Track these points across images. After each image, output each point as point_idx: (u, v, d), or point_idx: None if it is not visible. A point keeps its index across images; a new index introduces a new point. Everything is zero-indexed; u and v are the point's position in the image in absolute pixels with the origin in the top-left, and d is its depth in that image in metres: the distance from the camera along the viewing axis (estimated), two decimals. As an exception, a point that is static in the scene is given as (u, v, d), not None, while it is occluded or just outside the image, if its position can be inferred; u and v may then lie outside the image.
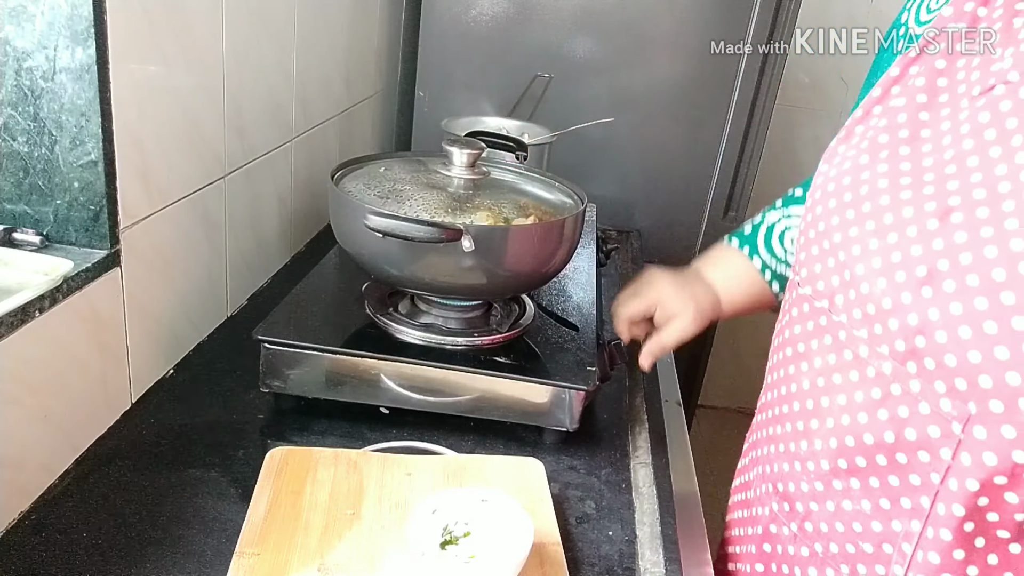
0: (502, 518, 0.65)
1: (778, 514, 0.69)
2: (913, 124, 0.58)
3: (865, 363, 0.57)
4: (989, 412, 0.50)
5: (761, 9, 1.50)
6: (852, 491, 0.60)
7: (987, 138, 0.52)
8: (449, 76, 1.64)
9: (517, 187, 0.93)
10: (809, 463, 0.64)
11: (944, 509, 0.54)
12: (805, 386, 0.64)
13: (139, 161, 0.77)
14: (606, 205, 1.49)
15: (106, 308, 0.75)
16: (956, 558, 0.55)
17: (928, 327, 0.52)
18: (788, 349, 0.68)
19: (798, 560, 0.66)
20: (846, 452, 0.59)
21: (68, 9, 0.65)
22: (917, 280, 0.52)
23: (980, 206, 0.51)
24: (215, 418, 0.82)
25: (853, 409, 0.59)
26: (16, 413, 0.65)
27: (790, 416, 0.66)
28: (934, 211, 0.53)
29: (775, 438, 0.69)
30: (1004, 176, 0.50)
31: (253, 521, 0.66)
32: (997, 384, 0.49)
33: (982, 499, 0.52)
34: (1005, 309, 0.48)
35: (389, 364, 0.83)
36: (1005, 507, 0.52)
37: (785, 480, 0.67)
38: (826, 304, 0.61)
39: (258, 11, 0.99)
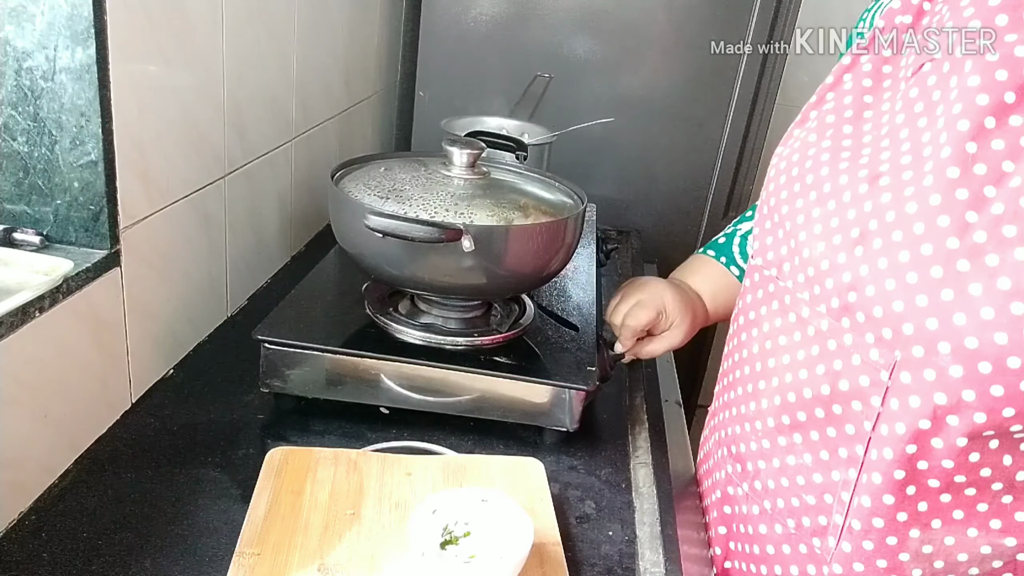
0: (502, 518, 0.65)
1: (732, 476, 0.72)
2: (857, 106, 0.62)
3: (806, 323, 0.61)
4: (912, 358, 0.53)
5: (761, 9, 1.50)
6: (795, 446, 0.63)
7: (916, 111, 0.56)
8: (449, 76, 1.64)
9: (517, 187, 0.93)
10: (757, 422, 0.67)
11: (876, 455, 0.57)
12: (755, 350, 0.67)
13: (139, 161, 0.77)
14: (606, 205, 1.49)
15: (106, 308, 0.75)
16: (886, 503, 0.57)
17: (859, 283, 0.55)
18: (741, 318, 0.71)
19: (751, 519, 0.70)
20: (788, 408, 0.63)
21: (68, 9, 0.65)
22: (851, 241, 0.56)
23: (905, 170, 0.54)
24: (215, 418, 0.82)
25: (795, 367, 0.62)
26: (16, 413, 0.65)
27: (741, 380, 0.70)
28: (865, 177, 0.57)
29: (729, 403, 0.73)
30: (928, 142, 0.54)
31: (253, 521, 0.66)
32: (918, 330, 0.52)
33: (910, 446, 0.54)
34: (924, 259, 0.51)
35: (389, 364, 0.83)
36: (932, 454, 0.54)
37: (737, 442, 0.70)
38: (774, 272, 0.65)
39: (258, 11, 0.99)
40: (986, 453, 0.54)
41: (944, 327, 0.51)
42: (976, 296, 0.49)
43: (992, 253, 0.49)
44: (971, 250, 0.50)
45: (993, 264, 0.49)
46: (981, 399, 0.51)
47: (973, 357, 0.50)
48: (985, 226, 0.50)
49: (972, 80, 0.52)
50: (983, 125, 0.51)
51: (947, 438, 0.53)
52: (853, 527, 0.59)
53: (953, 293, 0.50)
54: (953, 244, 0.51)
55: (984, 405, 0.51)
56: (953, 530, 0.57)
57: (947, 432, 0.53)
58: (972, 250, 0.50)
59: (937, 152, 0.52)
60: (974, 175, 0.51)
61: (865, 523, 0.59)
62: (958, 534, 0.57)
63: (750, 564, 0.70)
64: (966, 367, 0.50)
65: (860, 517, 0.59)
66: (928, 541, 0.58)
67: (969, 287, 0.50)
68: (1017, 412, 0.50)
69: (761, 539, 0.68)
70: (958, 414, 0.52)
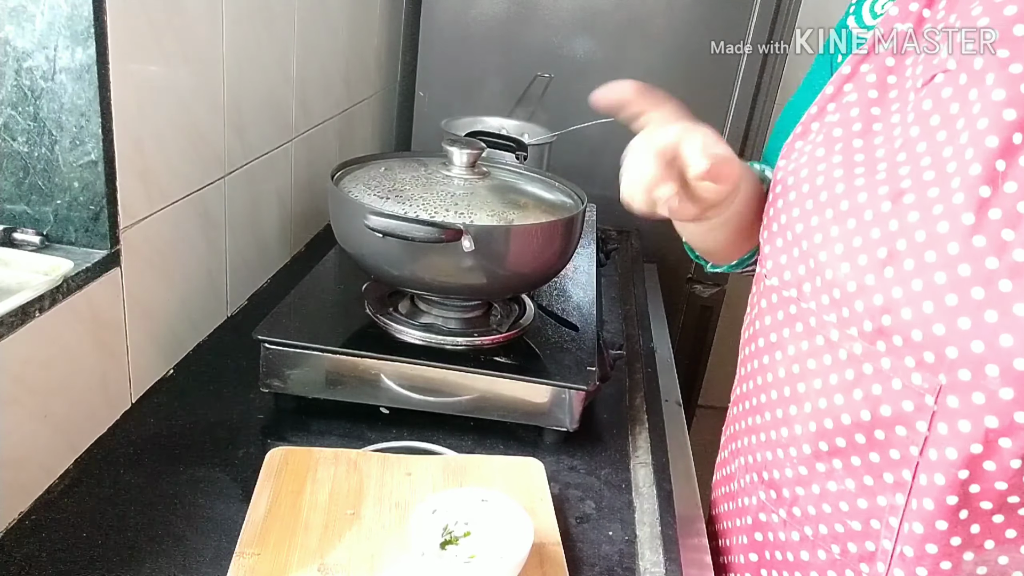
0: (502, 518, 0.65)
1: (766, 503, 0.70)
2: (865, 118, 0.61)
3: (836, 346, 0.59)
4: (959, 381, 0.52)
5: (761, 9, 1.50)
6: (835, 472, 0.62)
7: (932, 124, 0.55)
8: (449, 76, 1.64)
9: (517, 187, 0.93)
10: (791, 449, 0.65)
11: (926, 479, 0.56)
12: (781, 374, 0.66)
13: (139, 161, 0.77)
14: (606, 205, 1.49)
15: (106, 308, 0.75)
16: (940, 529, 0.56)
17: (893, 305, 0.54)
18: (760, 340, 0.69)
19: (790, 545, 0.68)
20: (825, 435, 0.61)
21: (68, 9, 0.65)
22: (879, 261, 0.55)
23: (930, 187, 0.53)
24: (215, 418, 0.82)
25: (829, 392, 0.60)
26: (16, 413, 0.65)
27: (768, 405, 0.68)
28: (887, 194, 0.55)
29: (755, 428, 0.70)
30: (950, 157, 0.53)
31: (253, 521, 0.66)
32: (963, 354, 0.51)
33: (962, 472, 0.53)
34: (963, 280, 0.50)
35: (389, 364, 0.83)
36: (985, 477, 0.53)
37: (769, 468, 0.68)
38: (794, 293, 0.63)
39: (258, 11, 0.99)
40: None
41: (991, 349, 0.50)
42: (1022, 316, 0.49)
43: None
44: (1012, 269, 0.49)
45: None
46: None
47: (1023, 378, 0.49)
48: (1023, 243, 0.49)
49: (997, 94, 0.51)
50: (1011, 141, 0.50)
51: (1000, 461, 0.52)
52: (905, 553, 0.58)
53: (997, 314, 0.49)
54: (992, 264, 0.50)
55: None
56: (1007, 549, 0.56)
57: (1000, 455, 0.52)
58: (1013, 269, 0.49)
59: (964, 169, 0.51)
60: (1005, 193, 0.50)
61: (918, 549, 0.58)
62: (1011, 552, 0.56)
63: None
64: (1016, 389, 0.50)
65: (912, 544, 0.58)
66: (982, 563, 0.57)
67: (1014, 307, 0.49)
68: None
69: (803, 566, 0.67)
70: (1011, 436, 0.51)
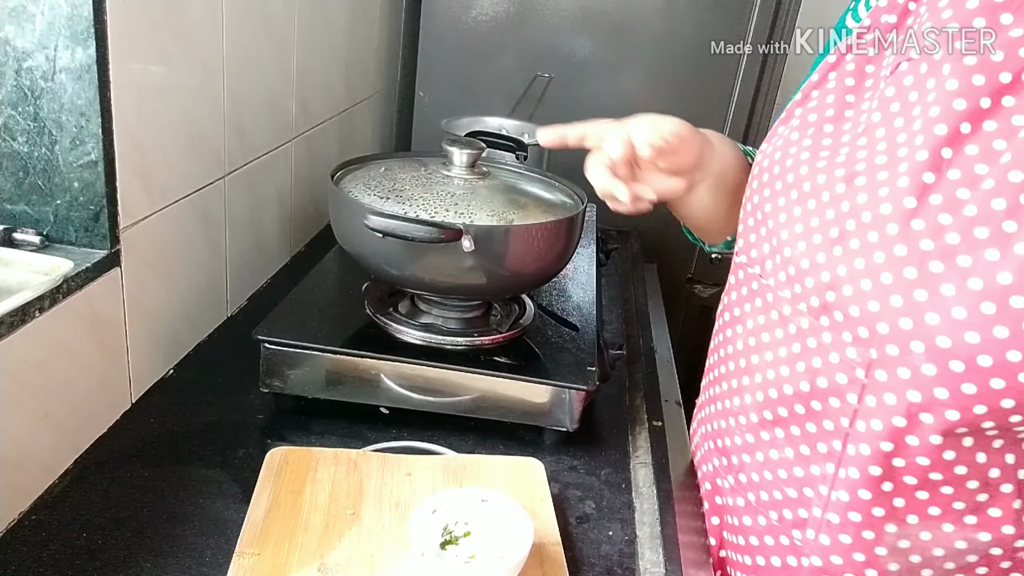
0: (502, 518, 0.65)
1: (719, 469, 0.73)
2: (839, 105, 0.63)
3: (788, 321, 0.62)
4: (887, 356, 0.54)
5: (761, 9, 1.50)
6: (777, 440, 0.64)
7: (892, 110, 0.57)
8: (449, 76, 1.64)
9: (517, 187, 0.93)
10: (741, 417, 0.68)
11: (853, 451, 0.58)
12: (739, 347, 0.69)
13: (139, 161, 0.77)
14: (606, 205, 1.49)
15: (106, 308, 0.75)
16: (863, 498, 0.58)
17: (837, 283, 0.56)
18: (726, 314, 0.72)
19: (737, 510, 0.71)
20: (770, 404, 0.64)
21: (68, 9, 0.65)
22: (830, 241, 0.57)
23: (881, 170, 0.55)
24: (215, 418, 0.82)
25: (776, 364, 0.63)
26: (16, 413, 0.65)
27: (726, 376, 0.71)
28: (842, 176, 0.58)
29: (714, 398, 0.74)
30: (903, 143, 0.55)
31: (253, 521, 0.66)
32: (893, 330, 0.53)
33: (886, 443, 0.56)
34: (898, 260, 0.52)
35: (389, 364, 0.83)
36: (908, 451, 0.55)
37: (723, 436, 0.72)
38: (758, 270, 0.66)
39: (258, 11, 0.99)
40: (961, 451, 0.55)
41: (918, 327, 0.52)
42: (948, 296, 0.50)
43: (964, 254, 0.50)
44: (944, 251, 0.51)
45: (965, 265, 0.50)
46: (954, 397, 0.52)
47: (945, 356, 0.51)
48: (958, 228, 0.51)
49: (950, 84, 0.52)
50: (959, 130, 0.52)
51: (922, 435, 0.54)
52: (831, 521, 0.61)
53: (927, 293, 0.51)
54: (927, 246, 0.52)
55: (957, 403, 0.52)
56: (929, 526, 0.58)
57: (921, 429, 0.54)
58: (945, 251, 0.51)
59: (912, 154, 0.53)
60: (948, 179, 0.52)
61: (842, 517, 0.60)
62: (934, 529, 0.58)
63: (740, 554, 0.71)
64: (939, 366, 0.51)
65: (837, 511, 0.60)
66: (904, 536, 0.59)
67: (942, 287, 0.51)
68: (989, 410, 0.51)
69: (747, 530, 0.70)
70: (932, 412, 0.53)
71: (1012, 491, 0.56)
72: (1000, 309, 0.48)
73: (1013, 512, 0.56)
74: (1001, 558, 0.58)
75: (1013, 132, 0.50)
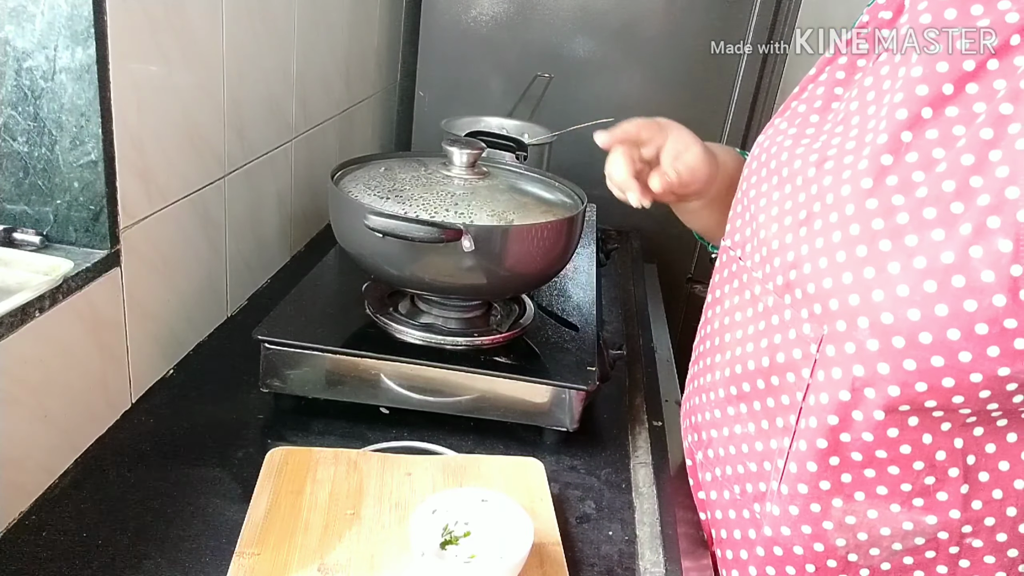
0: (502, 518, 0.65)
1: (692, 445, 0.75)
2: (827, 97, 0.65)
3: (757, 300, 0.64)
4: (836, 332, 0.55)
5: (761, 9, 1.50)
6: (741, 416, 0.66)
7: (868, 99, 0.59)
8: (449, 76, 1.64)
9: (517, 187, 0.93)
10: (711, 393, 0.70)
11: (804, 424, 0.59)
12: (716, 326, 0.71)
13: (139, 161, 0.77)
14: (606, 205, 1.49)
15: (106, 308, 0.75)
16: (810, 470, 0.59)
17: (799, 262, 0.58)
18: (709, 296, 0.74)
19: (705, 485, 0.73)
20: (736, 379, 0.66)
21: (68, 9, 0.65)
22: (798, 222, 0.59)
23: (848, 155, 0.57)
24: (215, 418, 0.82)
25: (744, 341, 0.65)
26: (16, 413, 0.65)
27: (703, 354, 0.73)
28: (815, 161, 0.60)
29: (694, 376, 0.75)
30: (871, 129, 0.56)
31: (253, 521, 0.66)
32: (842, 305, 0.54)
33: (832, 417, 0.57)
34: (852, 239, 0.54)
35: (389, 364, 0.83)
36: (853, 427, 0.56)
37: (697, 412, 0.73)
38: (739, 253, 0.68)
39: (258, 11, 0.99)
40: (905, 430, 0.55)
41: (864, 303, 0.53)
42: (894, 274, 0.51)
43: (912, 234, 0.51)
44: (894, 231, 0.52)
45: (912, 244, 0.51)
46: (895, 373, 0.52)
47: (888, 332, 0.52)
48: (909, 208, 0.52)
49: (915, 71, 0.54)
50: (920, 115, 0.53)
51: (866, 411, 0.55)
52: (782, 491, 0.62)
53: (874, 271, 0.52)
54: (878, 225, 0.53)
55: (897, 379, 0.53)
56: (876, 504, 0.59)
57: (865, 404, 0.55)
58: (894, 231, 0.52)
59: (875, 139, 0.55)
60: (905, 162, 0.53)
61: (791, 488, 0.61)
62: (881, 508, 0.59)
63: (715, 529, 0.72)
64: (882, 341, 0.52)
65: (788, 482, 0.61)
66: (851, 512, 0.59)
67: (888, 265, 0.52)
68: (930, 388, 0.52)
69: (713, 504, 0.71)
70: (874, 387, 0.54)
71: (959, 475, 0.57)
72: (941, 287, 0.49)
73: (960, 497, 0.57)
74: (948, 543, 0.59)
75: (972, 118, 0.51)
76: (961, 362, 0.50)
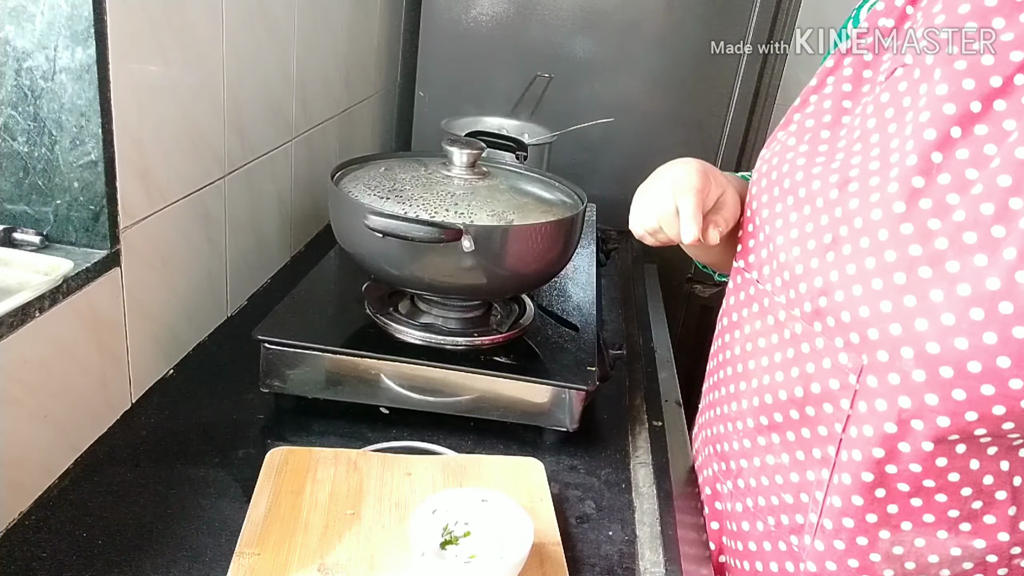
0: (502, 518, 0.65)
1: (718, 473, 0.74)
2: (836, 110, 0.63)
3: (783, 326, 0.62)
4: (877, 362, 0.54)
5: (761, 9, 1.50)
6: (773, 446, 0.64)
7: (887, 116, 0.57)
8: (449, 76, 1.64)
9: (517, 187, 0.93)
10: (738, 422, 0.68)
11: (846, 456, 0.58)
12: (737, 352, 0.69)
13: (139, 161, 0.77)
14: (606, 205, 1.49)
15: (106, 308, 0.75)
16: (856, 504, 0.58)
17: (830, 288, 0.56)
18: (725, 319, 0.73)
19: (736, 515, 0.71)
20: (766, 409, 0.64)
21: (68, 9, 0.65)
22: (824, 246, 0.57)
23: (873, 176, 0.55)
24: (215, 418, 0.82)
25: (772, 369, 0.63)
26: (16, 413, 0.65)
27: (724, 381, 0.71)
28: (836, 183, 0.58)
29: (714, 403, 0.74)
30: (896, 148, 0.55)
31: (253, 521, 0.66)
32: (883, 335, 0.53)
33: (877, 449, 0.55)
34: (888, 266, 0.52)
35: (389, 364, 0.83)
36: (900, 458, 0.55)
37: (721, 440, 0.72)
38: (755, 275, 0.66)
39: (258, 11, 0.99)
40: (953, 458, 0.54)
41: (907, 332, 0.51)
42: (938, 302, 0.50)
43: (953, 259, 0.50)
44: (932, 256, 0.51)
45: (953, 271, 0.50)
46: (944, 403, 0.51)
47: (935, 362, 0.50)
48: (947, 233, 0.51)
49: (940, 88, 0.52)
50: (949, 135, 0.52)
51: (913, 442, 0.54)
52: (825, 526, 0.61)
53: (915, 299, 0.51)
54: (916, 251, 0.51)
55: (947, 409, 0.51)
56: (923, 532, 0.57)
57: (913, 436, 0.54)
58: (934, 256, 0.51)
59: (903, 160, 0.53)
60: (938, 184, 0.52)
61: (836, 523, 0.60)
62: (928, 536, 0.57)
63: (740, 560, 0.71)
64: (928, 372, 0.51)
65: (831, 517, 0.60)
66: (899, 543, 0.58)
67: (931, 293, 0.50)
68: (980, 416, 0.50)
69: (745, 536, 0.70)
70: (922, 418, 0.53)
71: (1007, 498, 0.56)
72: (988, 315, 0.48)
73: (1008, 519, 0.56)
74: (997, 565, 0.58)
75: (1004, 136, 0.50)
76: (1012, 389, 0.49)
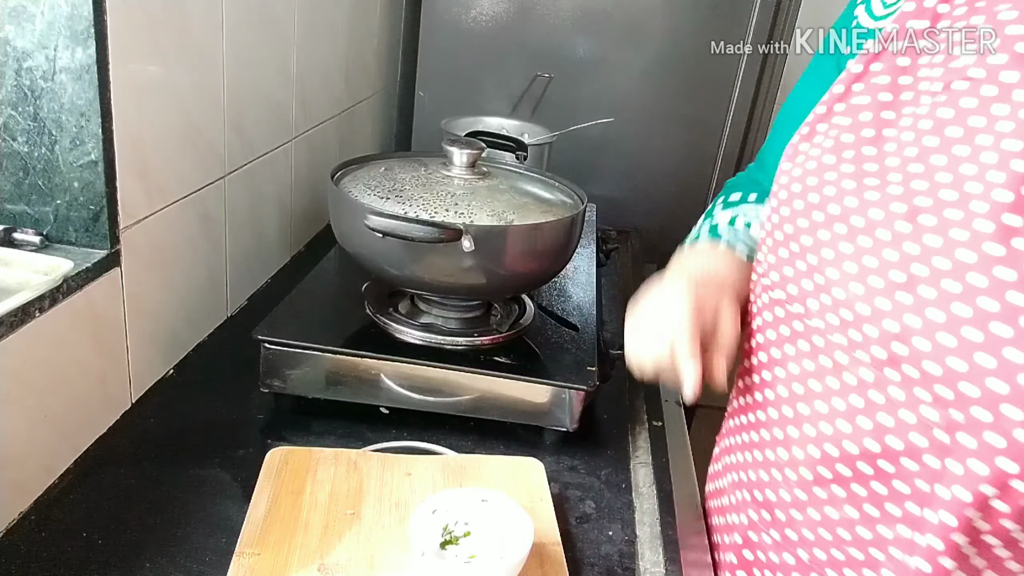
0: (502, 518, 0.65)
1: (757, 523, 0.68)
2: (877, 123, 0.57)
3: (844, 370, 0.56)
4: (975, 420, 0.49)
5: (761, 9, 1.50)
6: (837, 499, 0.59)
7: (952, 136, 0.51)
8: (449, 76, 1.64)
9: (517, 187, 0.93)
10: (788, 471, 0.63)
11: (934, 517, 0.53)
12: (782, 393, 0.63)
13: (139, 161, 0.77)
14: (606, 205, 1.49)
15: (106, 308, 0.75)
16: (945, 566, 0.54)
17: (908, 334, 0.50)
18: (761, 354, 0.66)
19: (782, 567, 0.66)
20: (828, 461, 0.59)
21: (68, 9, 0.65)
22: (894, 285, 0.51)
23: (950, 207, 0.50)
24: (215, 418, 0.82)
25: (833, 417, 0.58)
26: (16, 413, 0.65)
27: (766, 424, 0.65)
28: (904, 214, 0.52)
29: (749, 446, 0.68)
30: (972, 176, 0.49)
31: (253, 521, 0.66)
32: (984, 393, 0.48)
33: (971, 511, 0.51)
34: (986, 315, 0.47)
35: (389, 364, 0.83)
36: (994, 515, 0.51)
37: (762, 488, 0.66)
38: (800, 309, 0.60)
39: (258, 11, 0.99)
40: None
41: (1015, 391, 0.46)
42: None
43: None
44: None
45: None
46: None
47: None
48: None
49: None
50: None
51: (1013, 502, 0.50)
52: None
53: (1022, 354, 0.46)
54: (1019, 300, 0.46)
55: None
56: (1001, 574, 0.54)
57: (1013, 497, 0.50)
58: None
59: (989, 193, 0.48)
60: None
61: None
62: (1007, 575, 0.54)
63: None
64: None
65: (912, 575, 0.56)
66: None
67: None
68: None
69: None
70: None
71: None
72: None
73: None
74: None
75: None
76: None
